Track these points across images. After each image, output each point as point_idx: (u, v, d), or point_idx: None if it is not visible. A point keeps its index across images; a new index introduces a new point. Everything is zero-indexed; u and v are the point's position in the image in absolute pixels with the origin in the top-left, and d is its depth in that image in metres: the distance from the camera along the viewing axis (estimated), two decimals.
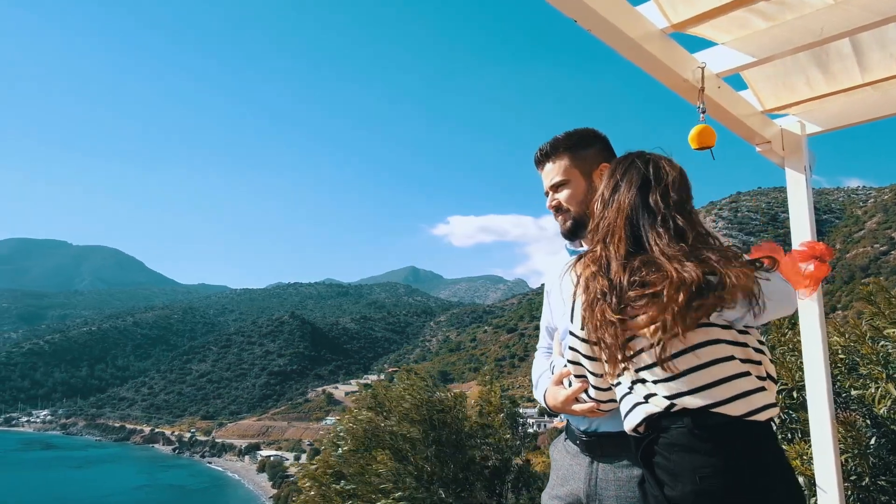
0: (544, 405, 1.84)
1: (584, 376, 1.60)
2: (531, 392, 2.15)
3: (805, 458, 2.73)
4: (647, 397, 1.41)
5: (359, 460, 4.77)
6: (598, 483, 1.70)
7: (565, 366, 1.68)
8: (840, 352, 3.17)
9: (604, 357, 1.44)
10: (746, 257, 1.50)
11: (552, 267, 2.01)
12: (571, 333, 1.56)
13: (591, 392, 1.61)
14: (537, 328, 2.38)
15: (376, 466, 4.19)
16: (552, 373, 1.81)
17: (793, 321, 3.31)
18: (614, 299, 1.40)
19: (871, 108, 2.74)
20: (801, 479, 2.71)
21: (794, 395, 3.05)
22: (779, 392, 3.10)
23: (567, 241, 1.96)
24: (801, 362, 2.74)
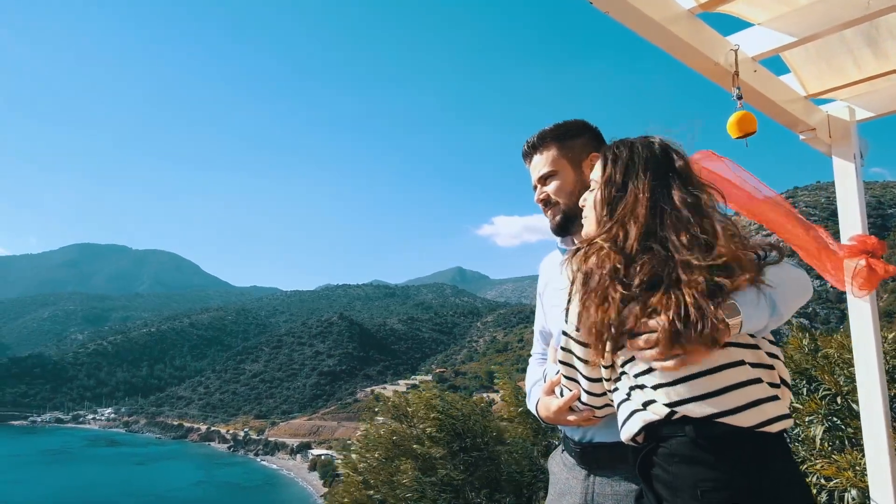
0: (537, 416, 1.73)
1: (577, 380, 1.49)
2: None
3: (858, 468, 2.53)
4: (646, 404, 1.30)
5: (387, 468, 4.73)
6: (595, 498, 1.59)
7: (557, 372, 1.57)
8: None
9: (599, 346, 1.32)
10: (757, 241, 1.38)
11: (545, 266, 1.91)
12: (565, 333, 1.45)
13: (585, 398, 1.49)
14: None
15: (401, 477, 4.13)
16: (545, 381, 1.70)
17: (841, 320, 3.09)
18: (627, 278, 1.28)
19: None
20: (854, 492, 2.51)
21: (839, 400, 2.84)
22: (822, 398, 2.89)
23: (558, 239, 1.85)
24: (848, 368, 2.55)
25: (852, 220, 2.43)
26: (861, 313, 2.44)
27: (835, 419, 2.95)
